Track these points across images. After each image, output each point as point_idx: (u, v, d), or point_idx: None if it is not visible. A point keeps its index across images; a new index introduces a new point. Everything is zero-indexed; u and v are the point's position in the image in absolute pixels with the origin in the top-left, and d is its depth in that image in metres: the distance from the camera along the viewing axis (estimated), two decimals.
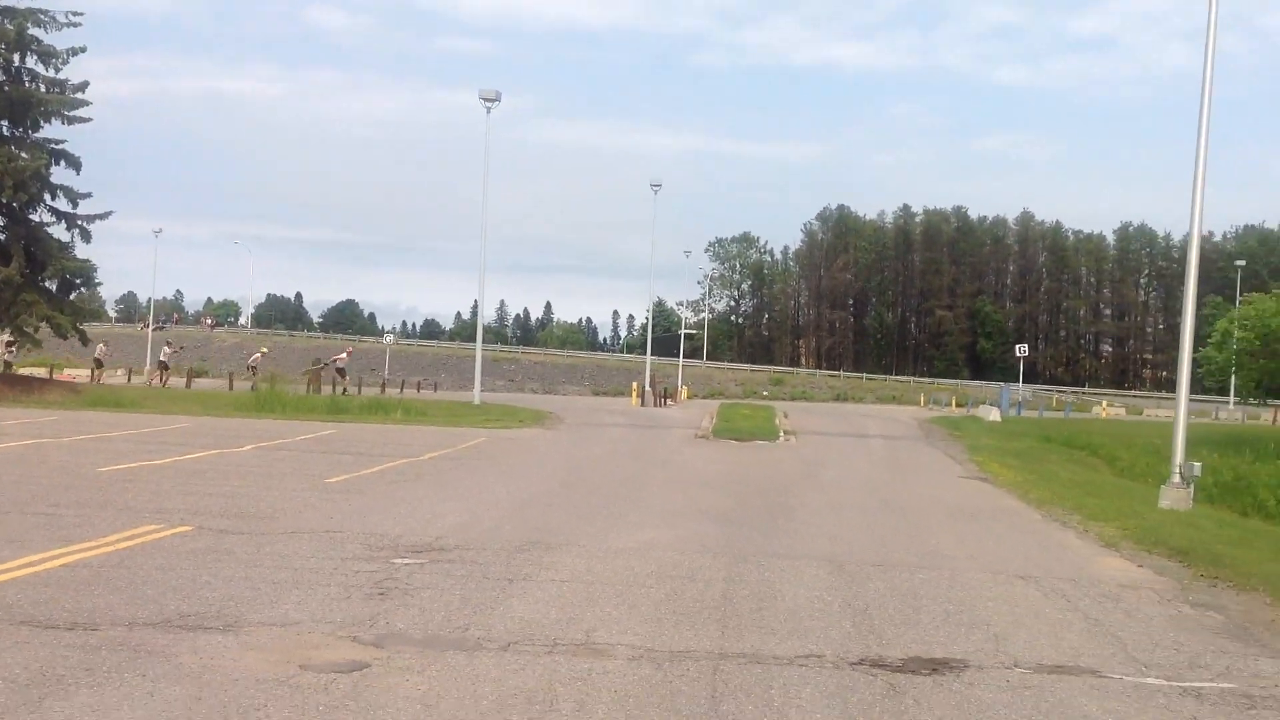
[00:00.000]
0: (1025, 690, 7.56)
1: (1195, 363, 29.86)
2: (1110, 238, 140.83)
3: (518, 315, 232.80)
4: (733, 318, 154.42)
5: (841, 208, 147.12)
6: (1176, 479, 19.93)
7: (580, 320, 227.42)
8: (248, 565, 10.53)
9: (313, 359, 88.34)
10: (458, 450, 25.41)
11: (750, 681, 7.38)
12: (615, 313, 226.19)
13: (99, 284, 47.19)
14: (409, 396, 51.58)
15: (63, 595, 8.88)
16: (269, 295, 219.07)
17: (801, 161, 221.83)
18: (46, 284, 39.21)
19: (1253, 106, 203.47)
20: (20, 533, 11.63)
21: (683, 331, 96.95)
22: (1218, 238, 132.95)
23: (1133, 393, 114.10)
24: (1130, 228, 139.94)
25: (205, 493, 15.64)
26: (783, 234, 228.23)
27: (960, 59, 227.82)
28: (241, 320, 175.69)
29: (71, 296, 40.75)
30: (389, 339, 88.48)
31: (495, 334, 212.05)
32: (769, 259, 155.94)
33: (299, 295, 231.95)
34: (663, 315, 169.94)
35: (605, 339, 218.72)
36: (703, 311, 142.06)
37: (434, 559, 11.32)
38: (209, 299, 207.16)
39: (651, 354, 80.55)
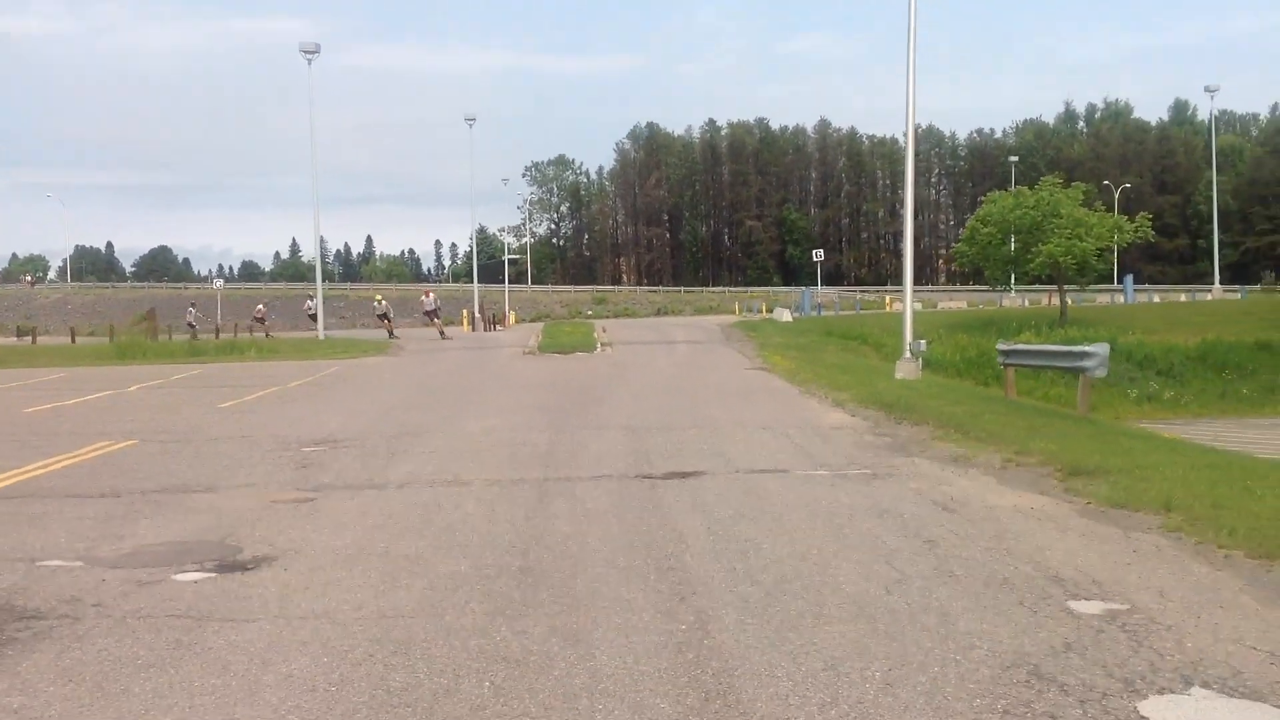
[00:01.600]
0: (736, 481, 12.04)
1: (951, 256, 35.19)
2: (900, 139, 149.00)
3: (338, 251, 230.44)
4: (554, 240, 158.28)
5: (651, 125, 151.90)
6: (907, 354, 25.03)
7: (403, 252, 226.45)
8: (195, 459, 14.33)
9: (146, 309, 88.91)
10: (318, 378, 29.14)
11: (563, 490, 11.64)
12: (438, 242, 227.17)
13: None
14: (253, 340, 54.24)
15: (77, 482, 12.58)
16: (77, 246, 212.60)
17: (613, 75, 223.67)
18: None
19: None
20: (3, 456, 15.09)
21: (506, 257, 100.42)
22: (999, 134, 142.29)
23: (929, 287, 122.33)
24: (919, 129, 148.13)
25: (126, 419, 19.14)
26: (597, 154, 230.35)
27: None
28: (50, 275, 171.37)
29: None
30: (219, 284, 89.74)
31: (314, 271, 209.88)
32: (585, 180, 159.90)
33: (110, 245, 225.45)
34: (486, 242, 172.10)
35: (429, 269, 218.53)
36: (525, 236, 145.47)
37: (331, 447, 15.27)
38: (13, 254, 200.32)
39: (478, 282, 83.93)
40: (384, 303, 56.38)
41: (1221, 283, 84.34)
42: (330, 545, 9.04)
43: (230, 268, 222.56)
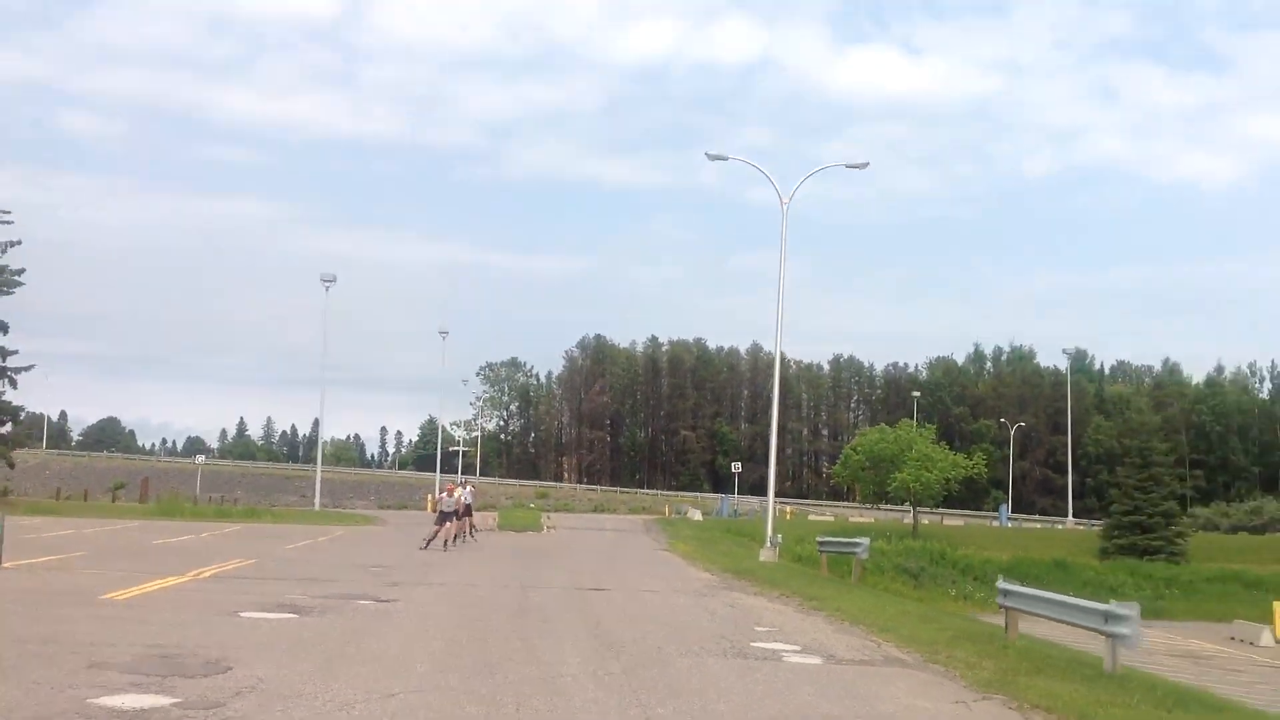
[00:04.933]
0: (630, 593, 21.91)
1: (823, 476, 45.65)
2: (826, 366, 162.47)
3: (284, 432, 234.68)
4: (502, 435, 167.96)
5: (599, 337, 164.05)
6: (768, 545, 35.05)
7: (348, 436, 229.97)
8: (307, 568, 23.89)
9: (114, 482, 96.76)
10: (337, 534, 38.82)
11: (534, 589, 21.41)
12: (384, 429, 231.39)
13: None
14: (254, 507, 63.36)
15: (248, 574, 22.06)
16: (26, 413, 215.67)
17: (567, 275, 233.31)
18: None
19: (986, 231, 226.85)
20: (179, 566, 24.39)
21: (461, 449, 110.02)
22: (913, 368, 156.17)
23: (843, 503, 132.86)
24: (841, 359, 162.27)
25: (229, 550, 28.56)
26: (547, 359, 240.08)
27: (713, 178, 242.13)
28: None
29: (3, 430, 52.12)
30: (200, 459, 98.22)
31: (265, 451, 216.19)
32: (535, 382, 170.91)
33: (64, 413, 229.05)
34: (434, 432, 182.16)
35: (373, 455, 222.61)
36: (475, 430, 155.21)
37: (387, 569, 24.93)
38: None
39: (427, 471, 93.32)
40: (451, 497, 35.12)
41: (1076, 515, 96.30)
42: (421, 598, 18.85)
43: (174, 442, 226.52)
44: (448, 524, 33.76)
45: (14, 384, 51.67)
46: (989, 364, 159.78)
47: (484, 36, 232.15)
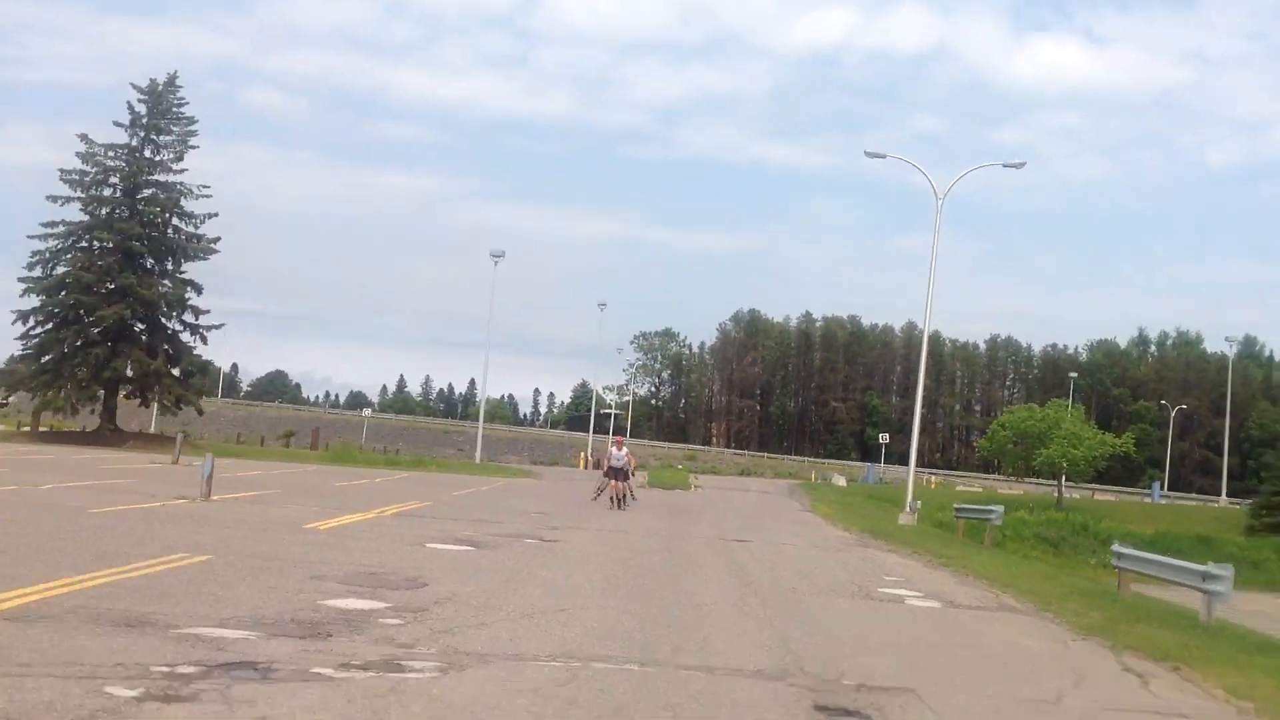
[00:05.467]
0: (770, 546, 23.59)
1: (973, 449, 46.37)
2: (982, 346, 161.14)
3: (441, 390, 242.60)
4: (653, 401, 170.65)
5: (752, 311, 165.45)
6: (907, 510, 36.29)
7: (503, 396, 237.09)
8: (486, 509, 26.16)
9: (285, 430, 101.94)
10: (497, 486, 41.37)
11: (678, 545, 23.23)
12: (536, 390, 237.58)
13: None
14: (420, 457, 66.84)
15: (444, 512, 24.37)
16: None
17: (725, 252, 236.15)
18: (176, 372, 54.75)
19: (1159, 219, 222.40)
20: (355, 506, 26.87)
21: (613, 411, 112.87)
22: (1071, 350, 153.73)
23: (992, 476, 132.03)
24: (998, 339, 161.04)
25: (398, 493, 31.04)
26: (700, 329, 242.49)
27: (877, 163, 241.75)
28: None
29: (191, 380, 56.41)
30: (367, 413, 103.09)
31: (423, 407, 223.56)
32: (687, 352, 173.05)
33: (235, 365, 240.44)
34: (586, 395, 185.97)
35: (525, 414, 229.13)
36: (627, 395, 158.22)
37: (546, 515, 27.05)
38: None
39: (577, 431, 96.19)
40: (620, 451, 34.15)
41: (1232, 495, 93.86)
42: (579, 540, 20.86)
43: (336, 395, 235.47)
44: (616, 481, 32.91)
45: (205, 340, 55.92)
46: (1152, 348, 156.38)
47: (656, 22, 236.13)
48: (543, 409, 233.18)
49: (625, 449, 34.62)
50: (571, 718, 7.61)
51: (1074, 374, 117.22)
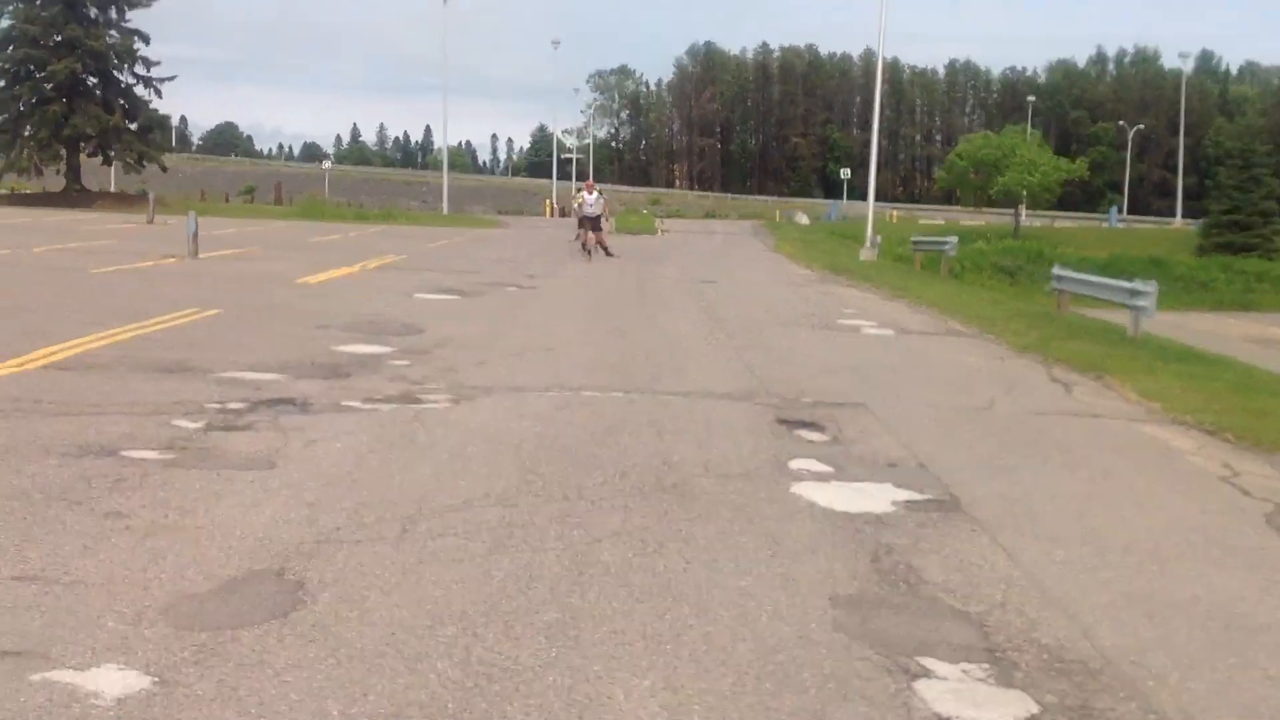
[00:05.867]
0: (737, 284, 24.94)
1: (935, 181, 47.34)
2: (942, 72, 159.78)
3: (397, 138, 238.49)
4: (613, 144, 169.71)
5: (709, 44, 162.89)
6: (868, 245, 37.65)
7: (460, 143, 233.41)
8: (464, 260, 27.25)
9: (245, 185, 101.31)
10: (468, 237, 42.34)
11: (649, 287, 24.52)
12: (494, 136, 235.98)
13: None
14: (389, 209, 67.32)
15: (430, 261, 25.48)
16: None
17: None
18: (134, 128, 54.43)
19: None
20: (337, 260, 27.91)
21: (574, 156, 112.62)
22: (1031, 72, 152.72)
23: (954, 208, 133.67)
24: (957, 64, 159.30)
25: (374, 247, 32.04)
26: (657, 66, 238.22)
27: None
28: None
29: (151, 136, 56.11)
30: (327, 165, 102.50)
31: (380, 157, 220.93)
32: (645, 89, 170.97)
33: (183, 119, 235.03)
34: (546, 141, 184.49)
35: (485, 161, 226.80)
36: (586, 139, 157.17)
37: (521, 262, 28.21)
38: None
39: (540, 178, 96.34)
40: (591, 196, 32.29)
41: (1190, 216, 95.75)
42: (556, 285, 22.11)
43: (289, 147, 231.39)
44: (589, 232, 31.24)
45: (159, 94, 55.40)
46: (1111, 66, 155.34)
47: None
48: (502, 156, 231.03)
49: (596, 192, 32.32)
50: (570, 434, 8.94)
51: (1032, 98, 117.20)
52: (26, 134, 51.91)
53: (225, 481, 7.06)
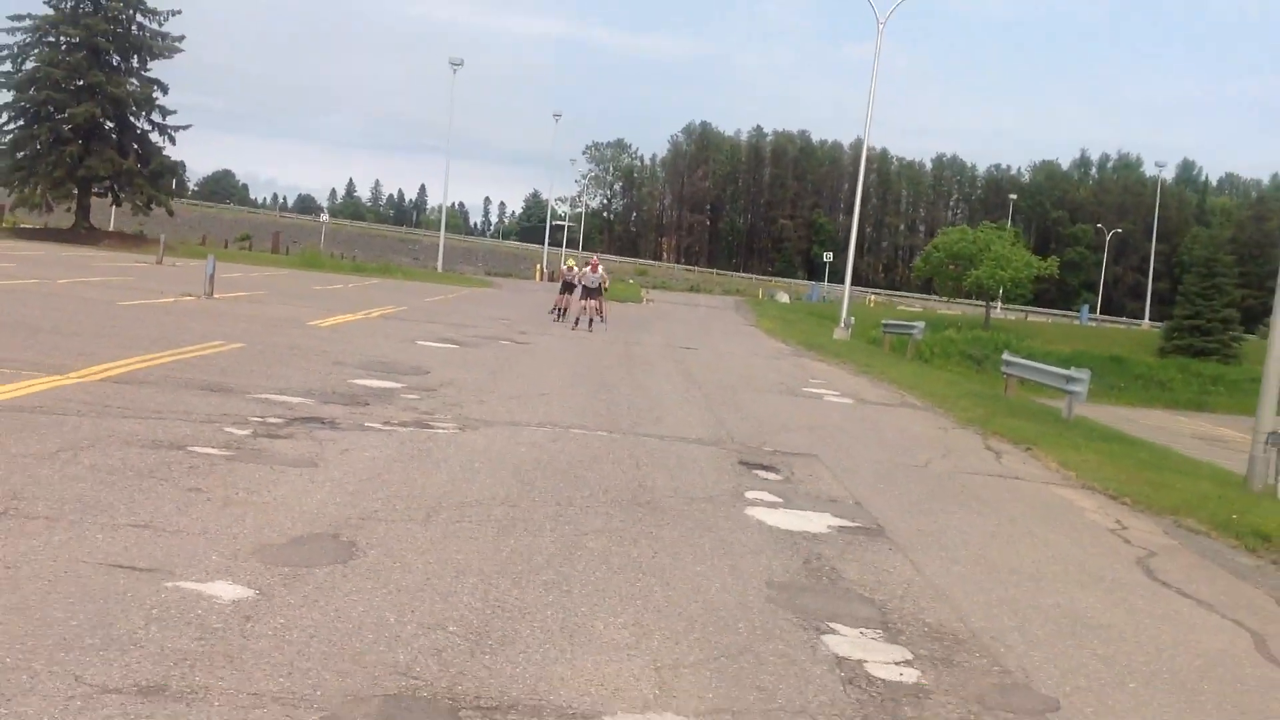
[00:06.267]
0: (715, 353, 26.61)
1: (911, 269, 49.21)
2: (929, 165, 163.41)
3: (391, 196, 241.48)
4: (605, 214, 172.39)
5: (704, 123, 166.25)
6: (842, 325, 39.46)
7: (454, 204, 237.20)
8: (450, 313, 28.87)
9: (240, 233, 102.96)
10: (462, 294, 44.03)
11: (633, 351, 26.18)
12: (487, 199, 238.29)
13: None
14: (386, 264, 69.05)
15: (432, 312, 27.08)
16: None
17: (673, 59, 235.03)
18: (146, 173, 56.31)
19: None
20: (343, 307, 29.52)
21: (566, 224, 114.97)
22: (1015, 170, 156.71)
23: (933, 297, 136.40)
24: (944, 158, 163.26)
25: (375, 298, 33.65)
26: (652, 142, 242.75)
27: None
28: None
29: (161, 181, 57.95)
30: (324, 218, 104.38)
31: (373, 213, 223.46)
32: (639, 164, 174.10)
33: (181, 164, 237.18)
34: (538, 206, 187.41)
35: (476, 223, 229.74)
36: (579, 207, 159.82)
37: (514, 321, 29.83)
38: None
39: (530, 242, 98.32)
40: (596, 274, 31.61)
41: (1157, 320, 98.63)
42: (546, 343, 23.72)
43: (284, 198, 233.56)
44: (589, 300, 30.90)
45: (173, 141, 57.40)
46: (1094, 170, 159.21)
47: None
48: (493, 218, 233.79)
49: (601, 270, 32.34)
50: (562, 459, 10.49)
51: (1014, 195, 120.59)
52: (41, 172, 53.64)
53: (279, 473, 8.59)
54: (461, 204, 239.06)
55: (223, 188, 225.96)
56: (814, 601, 6.87)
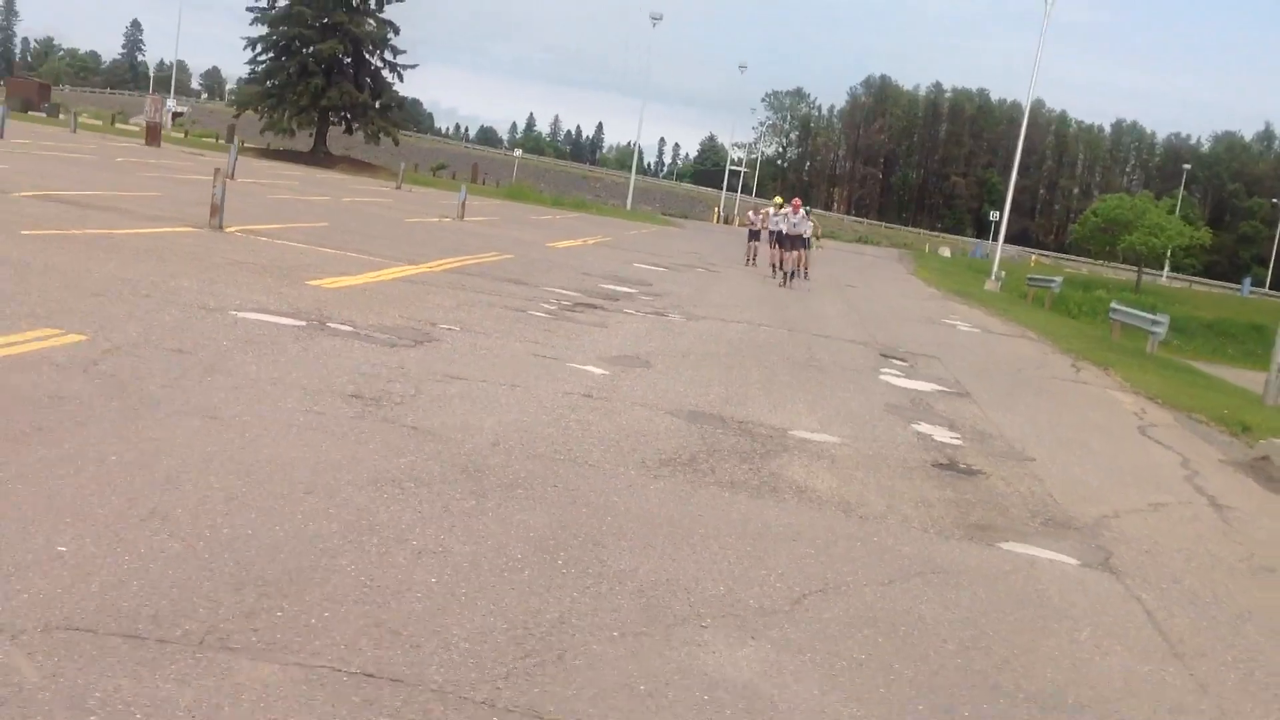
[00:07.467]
0: (873, 292, 31.36)
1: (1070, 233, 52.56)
2: (1108, 129, 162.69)
3: (568, 132, 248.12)
4: (779, 161, 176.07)
5: (884, 77, 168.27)
6: (993, 277, 43.57)
7: (628, 142, 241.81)
8: (649, 245, 34.15)
9: (436, 162, 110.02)
10: (653, 230, 49.44)
11: (802, 296, 31.09)
12: (661, 139, 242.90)
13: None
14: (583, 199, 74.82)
15: (634, 242, 32.45)
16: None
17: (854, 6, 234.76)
18: (378, 106, 63.32)
19: None
20: (561, 235, 35.01)
21: (743, 169, 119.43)
22: (1194, 139, 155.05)
23: (1099, 262, 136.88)
24: (1123, 124, 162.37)
25: (583, 230, 39.11)
26: (831, 92, 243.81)
27: None
28: None
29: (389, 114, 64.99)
30: (518, 153, 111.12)
31: (552, 148, 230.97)
32: (816, 114, 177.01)
33: (411, 99, 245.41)
34: (713, 150, 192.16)
35: (649, 164, 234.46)
36: (754, 154, 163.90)
37: (701, 255, 34.97)
38: None
39: (703, 185, 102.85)
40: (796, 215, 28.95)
41: None
42: (733, 274, 28.76)
43: (466, 129, 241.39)
44: (788, 250, 28.51)
45: (401, 78, 64.24)
46: (1277, 144, 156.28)
47: None
48: (667, 159, 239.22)
49: (804, 211, 29.36)
50: (756, 341, 15.63)
51: (1188, 165, 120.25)
52: (289, 100, 60.89)
53: (585, 329, 13.95)
54: (635, 142, 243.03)
55: (410, 116, 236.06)
56: (912, 413, 11.89)
